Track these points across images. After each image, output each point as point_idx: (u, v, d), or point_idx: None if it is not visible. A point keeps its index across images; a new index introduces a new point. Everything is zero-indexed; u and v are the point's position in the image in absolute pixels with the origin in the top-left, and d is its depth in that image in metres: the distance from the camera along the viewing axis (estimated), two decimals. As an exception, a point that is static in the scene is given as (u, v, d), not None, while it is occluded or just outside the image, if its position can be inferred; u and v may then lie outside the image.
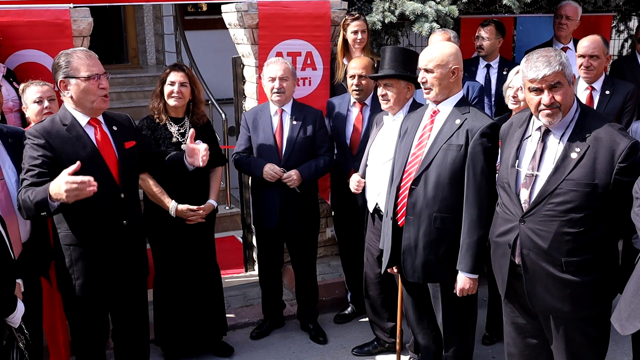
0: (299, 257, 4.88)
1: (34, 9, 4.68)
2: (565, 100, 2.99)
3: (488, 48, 5.45)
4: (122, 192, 3.53)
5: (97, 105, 3.45)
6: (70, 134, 3.40)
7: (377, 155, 4.27)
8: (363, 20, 5.15)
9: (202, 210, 4.33)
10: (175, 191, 4.28)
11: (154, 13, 9.78)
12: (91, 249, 3.49)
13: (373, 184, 4.29)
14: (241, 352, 4.75)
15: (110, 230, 3.51)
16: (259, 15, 5.15)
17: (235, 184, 6.21)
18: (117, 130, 3.61)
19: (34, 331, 3.40)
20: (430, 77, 3.57)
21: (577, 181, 2.93)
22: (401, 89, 4.15)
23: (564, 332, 3.10)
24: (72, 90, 3.40)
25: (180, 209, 4.25)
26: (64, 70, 3.39)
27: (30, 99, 4.07)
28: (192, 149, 3.79)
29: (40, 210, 3.12)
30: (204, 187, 4.44)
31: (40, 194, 3.11)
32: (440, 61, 3.54)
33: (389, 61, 4.13)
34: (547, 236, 3.00)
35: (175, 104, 4.29)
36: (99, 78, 3.41)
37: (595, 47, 4.70)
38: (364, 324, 4.95)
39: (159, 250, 4.43)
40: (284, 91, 4.58)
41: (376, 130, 4.38)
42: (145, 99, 7.94)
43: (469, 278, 3.53)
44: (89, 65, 3.40)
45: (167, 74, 4.30)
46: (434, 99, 3.63)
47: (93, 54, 3.50)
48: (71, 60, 3.39)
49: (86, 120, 3.48)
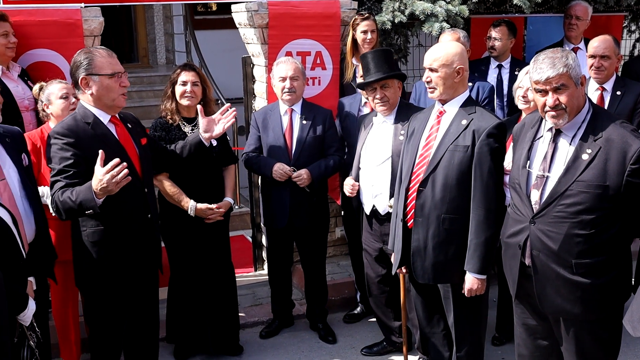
0: (309, 256, 4.88)
1: (46, 8, 4.71)
2: (571, 102, 2.97)
3: (500, 48, 5.44)
4: (145, 187, 3.61)
5: (117, 103, 3.52)
6: (95, 132, 3.46)
7: (371, 157, 4.26)
8: (373, 20, 5.14)
9: (221, 208, 4.34)
10: (191, 191, 4.29)
11: (164, 13, 9.82)
12: (118, 244, 3.53)
13: (368, 186, 4.27)
14: (250, 351, 4.76)
15: (137, 225, 3.58)
16: (269, 14, 5.16)
17: (245, 184, 6.22)
18: (132, 128, 3.69)
19: (41, 330, 3.41)
20: (435, 77, 3.56)
21: (588, 183, 2.91)
22: (396, 89, 4.18)
23: (575, 334, 3.09)
24: (94, 87, 3.45)
25: (199, 208, 4.26)
26: (85, 67, 3.43)
27: (55, 95, 4.09)
28: (208, 121, 3.92)
29: (86, 209, 3.20)
30: (219, 185, 4.46)
31: (84, 193, 3.19)
32: (445, 60, 3.53)
33: (375, 65, 4.13)
34: (558, 238, 2.98)
35: (188, 104, 4.31)
36: (121, 76, 3.48)
37: (606, 48, 4.67)
38: (373, 324, 4.94)
39: (174, 249, 4.45)
40: (295, 91, 4.58)
41: (365, 132, 4.36)
42: (155, 98, 7.96)
43: (477, 278, 3.53)
44: (112, 63, 3.47)
45: (178, 74, 4.31)
46: (439, 98, 3.63)
47: (112, 52, 3.56)
48: (93, 58, 3.44)
49: (107, 118, 3.55)
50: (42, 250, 3.53)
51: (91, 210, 3.21)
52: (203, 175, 4.28)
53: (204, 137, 4.00)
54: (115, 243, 3.53)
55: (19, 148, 3.51)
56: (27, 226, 3.43)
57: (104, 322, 3.68)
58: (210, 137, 4.02)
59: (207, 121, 4.02)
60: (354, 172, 4.40)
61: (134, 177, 3.48)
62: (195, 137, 4.04)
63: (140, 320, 3.82)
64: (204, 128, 4.00)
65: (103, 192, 3.14)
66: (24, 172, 3.46)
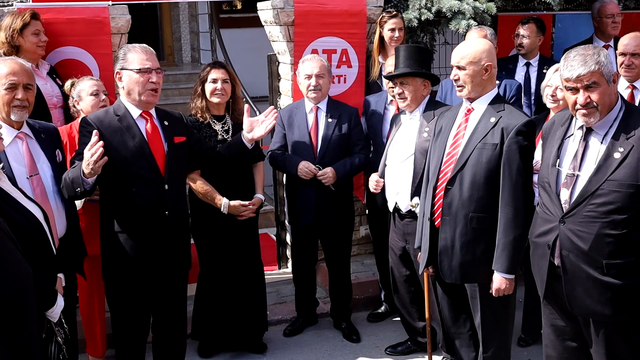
0: (333, 254, 4.86)
1: (74, 6, 4.76)
2: (602, 100, 2.92)
3: (528, 46, 5.37)
4: (166, 184, 3.61)
5: (145, 99, 3.59)
6: (121, 124, 3.57)
7: (396, 154, 4.25)
8: (400, 17, 5.12)
9: (252, 205, 4.36)
10: (223, 188, 4.31)
11: (190, 11, 9.88)
12: (131, 236, 3.58)
13: (392, 183, 4.27)
14: (274, 349, 4.76)
15: (152, 220, 3.60)
16: (295, 12, 5.15)
17: (270, 182, 6.23)
18: (168, 125, 3.73)
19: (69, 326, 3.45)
20: (463, 74, 3.53)
21: (620, 182, 2.85)
22: (417, 87, 4.14)
23: (604, 336, 3.03)
24: (125, 81, 3.58)
25: (232, 205, 4.28)
26: (120, 61, 3.60)
27: (86, 91, 4.15)
28: (252, 122, 3.99)
29: (75, 187, 3.33)
30: (250, 182, 4.48)
31: (75, 171, 3.32)
32: (473, 58, 3.50)
33: (403, 60, 4.13)
34: (588, 238, 2.93)
35: (219, 101, 4.33)
36: (150, 72, 3.56)
37: (637, 45, 4.60)
38: (398, 324, 4.92)
39: (204, 246, 4.47)
40: (320, 88, 4.58)
41: (395, 130, 4.36)
42: (180, 96, 8.01)
43: (505, 278, 3.49)
44: (143, 59, 3.56)
45: (208, 72, 4.34)
46: (467, 96, 3.59)
47: (150, 50, 3.67)
48: (128, 53, 3.59)
49: (138, 113, 3.64)
50: (72, 246, 3.57)
51: (79, 189, 3.32)
52: (235, 173, 4.31)
53: (247, 137, 4.02)
54: (128, 235, 3.58)
55: (54, 144, 3.59)
56: (59, 222, 3.48)
57: (123, 316, 3.72)
58: (253, 139, 4.04)
59: (250, 122, 4.04)
60: (380, 169, 4.39)
61: (153, 173, 3.57)
62: (237, 138, 4.07)
63: (166, 317, 3.84)
64: (248, 128, 4.02)
65: (88, 172, 3.25)
66: (57, 168, 3.53)
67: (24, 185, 3.21)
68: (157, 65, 3.62)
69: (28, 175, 3.36)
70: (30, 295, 2.62)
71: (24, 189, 3.11)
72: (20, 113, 3.34)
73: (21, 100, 3.32)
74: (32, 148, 3.45)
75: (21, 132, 3.41)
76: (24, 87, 3.33)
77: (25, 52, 4.46)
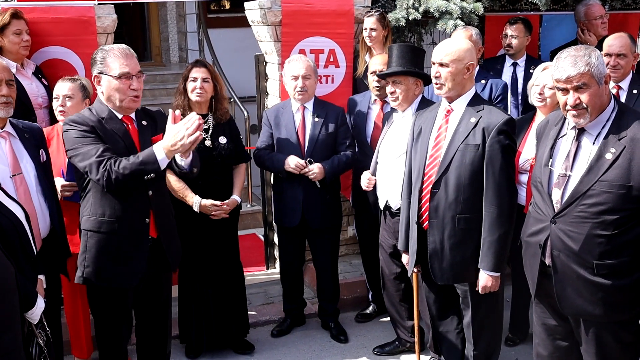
0: (321, 255, 4.85)
1: (59, 5, 4.71)
2: (592, 101, 2.92)
3: (517, 46, 5.39)
4: (149, 189, 3.46)
5: (126, 105, 3.41)
6: (107, 127, 3.38)
7: (387, 151, 4.26)
8: (378, 17, 5.08)
9: (226, 206, 4.33)
10: (199, 187, 4.27)
11: (177, 11, 9.83)
12: (107, 237, 3.41)
13: (384, 181, 4.28)
14: (262, 349, 4.74)
15: (130, 225, 3.44)
16: (282, 12, 5.14)
17: (257, 182, 6.22)
18: (146, 125, 3.57)
19: (53, 327, 3.40)
20: (445, 72, 3.52)
21: (611, 182, 2.86)
22: (410, 86, 4.15)
23: (595, 336, 3.03)
24: (104, 86, 3.39)
25: (204, 204, 4.25)
26: (98, 65, 3.38)
27: (53, 94, 4.12)
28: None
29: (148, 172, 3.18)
30: (228, 183, 4.45)
31: (145, 153, 3.19)
32: (457, 56, 3.50)
33: (396, 58, 4.14)
34: (579, 238, 2.94)
35: (198, 99, 4.30)
36: (131, 78, 3.36)
37: (623, 46, 4.61)
38: (386, 324, 4.91)
39: (183, 246, 4.40)
40: (307, 89, 4.57)
41: (387, 128, 4.37)
42: (168, 96, 7.97)
43: (491, 276, 3.53)
44: (123, 64, 3.34)
45: (190, 70, 4.32)
46: (446, 94, 3.59)
47: (131, 52, 3.43)
48: (106, 56, 3.36)
49: (120, 116, 3.47)
50: (56, 246, 3.52)
51: (152, 175, 3.19)
52: (210, 173, 4.25)
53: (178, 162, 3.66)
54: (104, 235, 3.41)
55: (38, 144, 3.53)
56: (42, 222, 3.44)
57: (103, 318, 3.61)
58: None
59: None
60: (372, 167, 4.40)
61: None
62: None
63: (151, 319, 3.78)
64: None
65: (175, 149, 3.13)
66: (41, 168, 3.48)
67: (6, 185, 3.16)
68: (137, 69, 3.40)
69: (11, 175, 3.32)
70: (14, 296, 2.59)
71: (7, 189, 3.07)
72: (6, 109, 3.31)
73: (5, 96, 3.28)
74: (16, 147, 3.41)
75: (4, 131, 3.37)
76: (6, 83, 3.29)
77: (7, 52, 4.43)
